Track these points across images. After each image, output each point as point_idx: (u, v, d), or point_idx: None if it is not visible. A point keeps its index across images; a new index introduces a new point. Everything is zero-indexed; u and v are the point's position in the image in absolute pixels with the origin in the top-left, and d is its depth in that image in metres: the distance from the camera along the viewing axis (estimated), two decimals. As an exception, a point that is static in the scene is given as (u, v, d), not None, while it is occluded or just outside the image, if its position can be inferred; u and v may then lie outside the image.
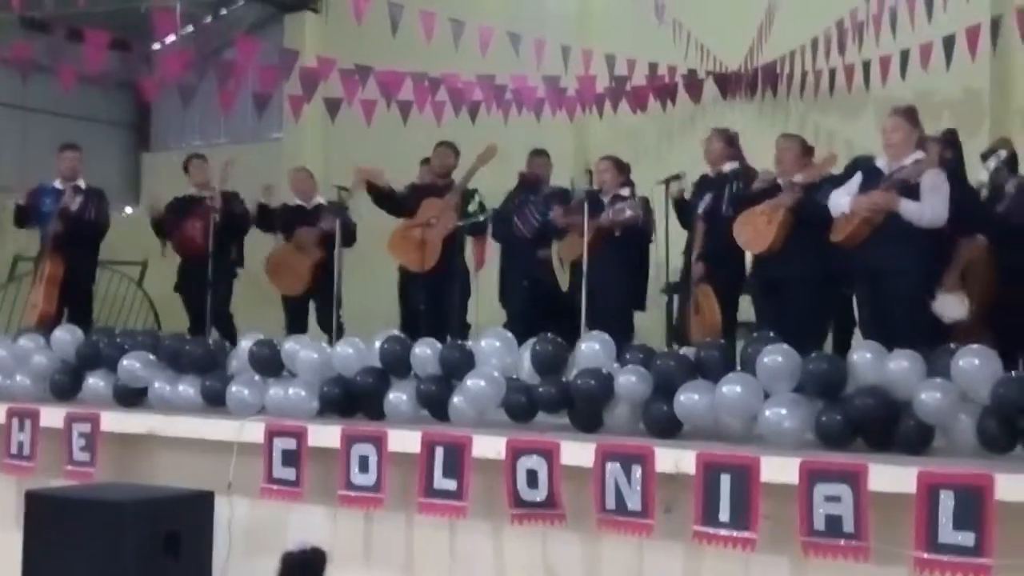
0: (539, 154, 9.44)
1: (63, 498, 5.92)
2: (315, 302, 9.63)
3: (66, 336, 7.34)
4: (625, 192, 8.49)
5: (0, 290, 12.02)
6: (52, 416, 6.73)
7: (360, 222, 9.73)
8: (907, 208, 6.58)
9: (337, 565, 5.23)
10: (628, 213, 8.13)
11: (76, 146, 9.76)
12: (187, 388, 6.75)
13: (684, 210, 8.32)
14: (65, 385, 7.19)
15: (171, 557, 5.60)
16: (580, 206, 8.21)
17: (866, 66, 10.16)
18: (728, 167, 8.21)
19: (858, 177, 6.91)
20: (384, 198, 9.39)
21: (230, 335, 8.94)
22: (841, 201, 6.83)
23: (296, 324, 9.39)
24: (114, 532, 5.51)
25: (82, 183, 9.58)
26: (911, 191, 6.62)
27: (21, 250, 11.03)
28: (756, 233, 7.35)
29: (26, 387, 7.25)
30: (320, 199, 9.88)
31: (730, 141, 8.35)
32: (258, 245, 9.97)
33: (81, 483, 6.39)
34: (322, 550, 5.22)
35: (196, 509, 5.87)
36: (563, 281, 8.86)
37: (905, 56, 9.74)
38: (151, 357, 6.93)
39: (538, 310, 8.74)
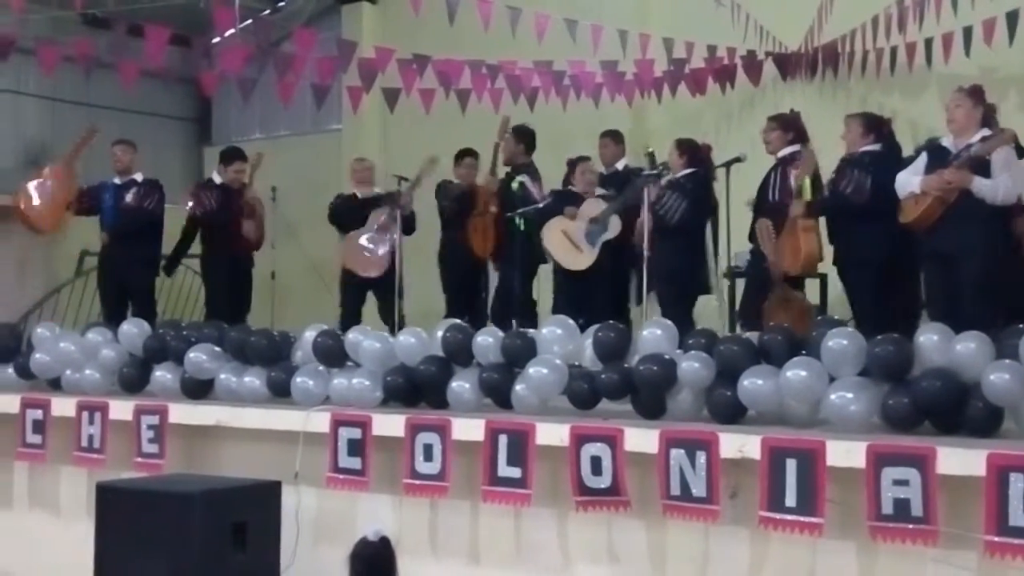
0: (603, 135, 9.40)
1: (133, 490, 6.01)
2: (375, 293, 9.65)
3: (133, 330, 7.43)
4: (683, 175, 8.38)
5: (67, 285, 12.16)
6: (121, 409, 6.83)
7: (417, 213, 9.76)
8: (980, 186, 6.47)
9: (403, 554, 5.25)
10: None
11: (125, 141, 9.85)
12: (253, 379, 6.81)
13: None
14: (133, 378, 7.29)
15: (239, 547, 5.67)
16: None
17: (928, 44, 10.02)
18: (783, 152, 8.11)
19: (924, 157, 6.82)
20: None
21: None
22: (912, 181, 6.75)
23: (351, 315, 9.46)
24: (183, 523, 5.57)
25: (138, 176, 9.67)
26: (982, 169, 6.53)
27: (88, 246, 11.14)
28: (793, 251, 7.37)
29: (95, 380, 7.36)
30: (378, 189, 9.90)
31: (787, 126, 8.21)
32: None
33: (150, 475, 6.48)
34: (385, 540, 5.24)
35: (263, 499, 5.93)
36: (571, 261, 8.72)
37: (968, 33, 9.59)
38: (217, 349, 7.01)
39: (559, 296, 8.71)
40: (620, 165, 9.17)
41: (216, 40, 11.32)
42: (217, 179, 9.81)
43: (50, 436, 7.05)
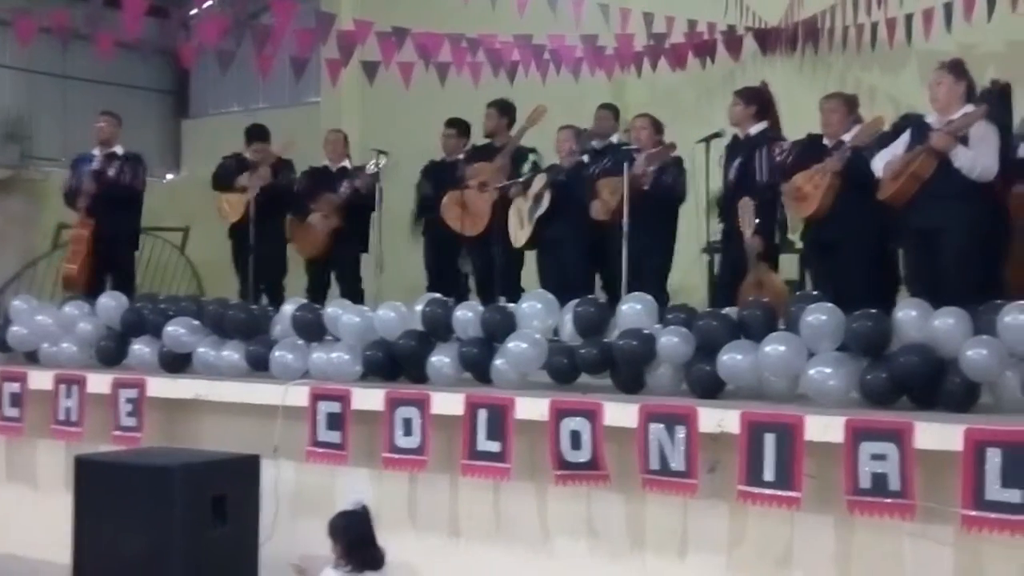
0: (605, 107, 9.42)
1: (111, 463, 6.00)
2: (335, 270, 9.61)
3: (111, 303, 7.41)
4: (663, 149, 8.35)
5: (44, 258, 12.11)
6: (99, 382, 6.81)
7: (398, 187, 9.72)
8: (961, 155, 6.48)
9: (382, 527, 5.27)
10: (655, 161, 7.94)
11: (111, 113, 9.79)
12: (231, 353, 6.80)
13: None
14: (111, 351, 7.26)
15: (218, 520, 5.68)
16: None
17: (908, 19, 10.03)
18: (755, 129, 8.07)
19: (905, 136, 6.83)
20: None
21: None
22: (880, 164, 6.77)
23: (317, 290, 9.43)
24: (162, 496, 5.57)
25: (119, 149, 9.61)
26: (961, 143, 6.54)
27: (64, 218, 11.08)
28: (803, 197, 7.27)
29: (72, 354, 7.33)
30: (347, 163, 9.85)
31: (750, 100, 8.19)
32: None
33: (129, 448, 6.47)
34: (365, 508, 5.26)
35: (242, 473, 5.93)
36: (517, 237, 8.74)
37: (948, 8, 9.60)
38: (195, 323, 6.99)
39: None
40: (615, 138, 9.18)
41: (194, 11, 11.27)
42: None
43: (27, 409, 7.03)
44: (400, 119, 11.48)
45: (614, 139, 9.15)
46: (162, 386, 6.72)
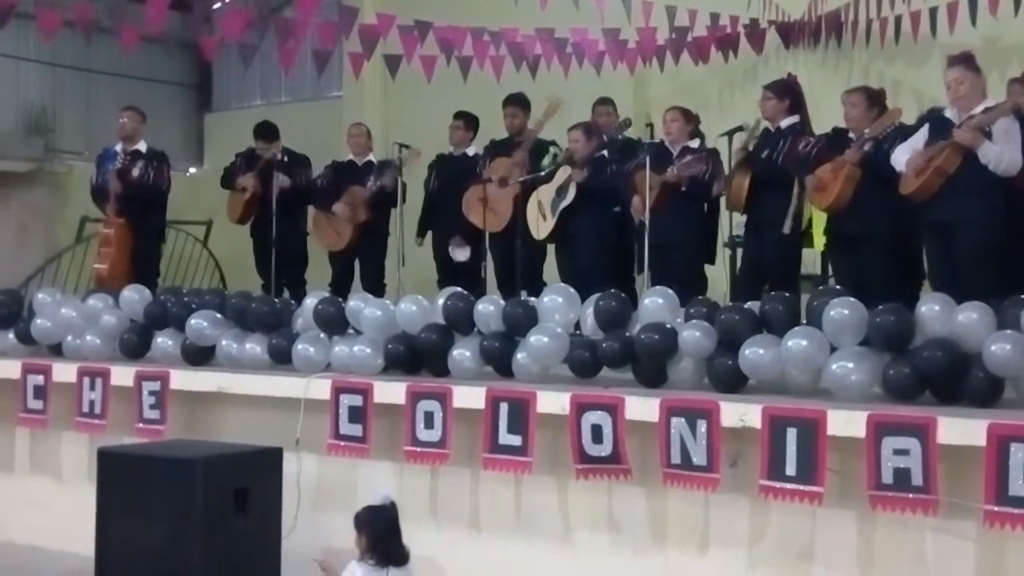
0: (603, 103, 9.40)
1: (134, 455, 6.02)
2: (362, 264, 9.64)
3: (134, 296, 7.43)
4: (695, 144, 8.38)
5: (68, 251, 12.17)
6: (122, 375, 6.84)
7: (420, 182, 9.74)
8: (988, 150, 6.45)
9: (404, 520, 5.27)
10: (691, 170, 8.00)
11: (134, 108, 9.78)
12: (254, 346, 6.82)
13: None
14: (134, 344, 7.29)
15: (240, 513, 5.69)
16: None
17: (932, 13, 9.98)
18: (786, 122, 8.07)
19: (924, 130, 6.80)
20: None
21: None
22: (901, 159, 6.74)
23: (342, 283, 9.46)
24: (184, 488, 5.59)
25: (142, 146, 9.58)
26: (986, 137, 6.51)
27: (88, 212, 11.13)
28: (823, 188, 7.27)
29: (96, 346, 7.36)
30: (372, 157, 9.86)
31: (781, 94, 8.18)
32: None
33: (151, 440, 6.50)
34: (393, 504, 5.27)
35: (265, 465, 5.94)
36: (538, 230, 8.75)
37: (973, 1, 9.54)
38: (218, 316, 7.01)
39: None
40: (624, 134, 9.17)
41: (216, 5, 11.27)
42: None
43: (51, 402, 7.07)
44: (422, 113, 11.47)
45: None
46: (185, 379, 6.75)
